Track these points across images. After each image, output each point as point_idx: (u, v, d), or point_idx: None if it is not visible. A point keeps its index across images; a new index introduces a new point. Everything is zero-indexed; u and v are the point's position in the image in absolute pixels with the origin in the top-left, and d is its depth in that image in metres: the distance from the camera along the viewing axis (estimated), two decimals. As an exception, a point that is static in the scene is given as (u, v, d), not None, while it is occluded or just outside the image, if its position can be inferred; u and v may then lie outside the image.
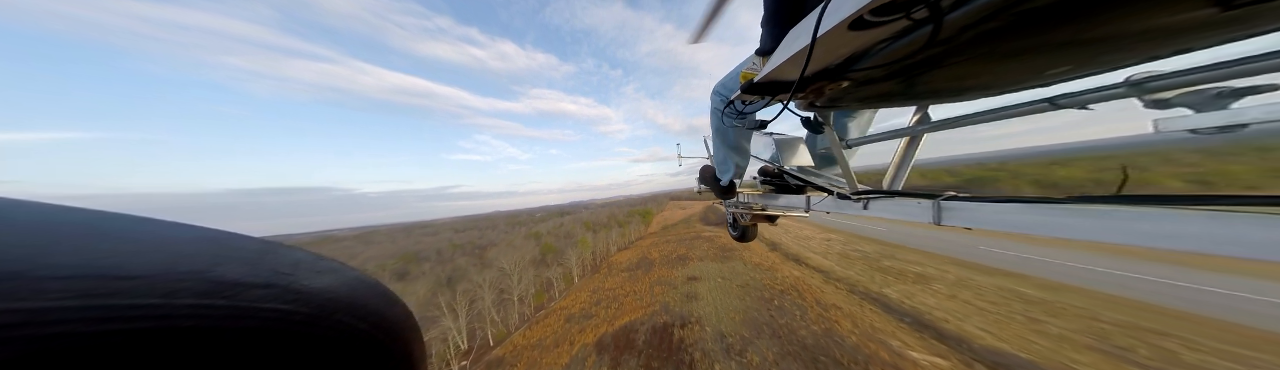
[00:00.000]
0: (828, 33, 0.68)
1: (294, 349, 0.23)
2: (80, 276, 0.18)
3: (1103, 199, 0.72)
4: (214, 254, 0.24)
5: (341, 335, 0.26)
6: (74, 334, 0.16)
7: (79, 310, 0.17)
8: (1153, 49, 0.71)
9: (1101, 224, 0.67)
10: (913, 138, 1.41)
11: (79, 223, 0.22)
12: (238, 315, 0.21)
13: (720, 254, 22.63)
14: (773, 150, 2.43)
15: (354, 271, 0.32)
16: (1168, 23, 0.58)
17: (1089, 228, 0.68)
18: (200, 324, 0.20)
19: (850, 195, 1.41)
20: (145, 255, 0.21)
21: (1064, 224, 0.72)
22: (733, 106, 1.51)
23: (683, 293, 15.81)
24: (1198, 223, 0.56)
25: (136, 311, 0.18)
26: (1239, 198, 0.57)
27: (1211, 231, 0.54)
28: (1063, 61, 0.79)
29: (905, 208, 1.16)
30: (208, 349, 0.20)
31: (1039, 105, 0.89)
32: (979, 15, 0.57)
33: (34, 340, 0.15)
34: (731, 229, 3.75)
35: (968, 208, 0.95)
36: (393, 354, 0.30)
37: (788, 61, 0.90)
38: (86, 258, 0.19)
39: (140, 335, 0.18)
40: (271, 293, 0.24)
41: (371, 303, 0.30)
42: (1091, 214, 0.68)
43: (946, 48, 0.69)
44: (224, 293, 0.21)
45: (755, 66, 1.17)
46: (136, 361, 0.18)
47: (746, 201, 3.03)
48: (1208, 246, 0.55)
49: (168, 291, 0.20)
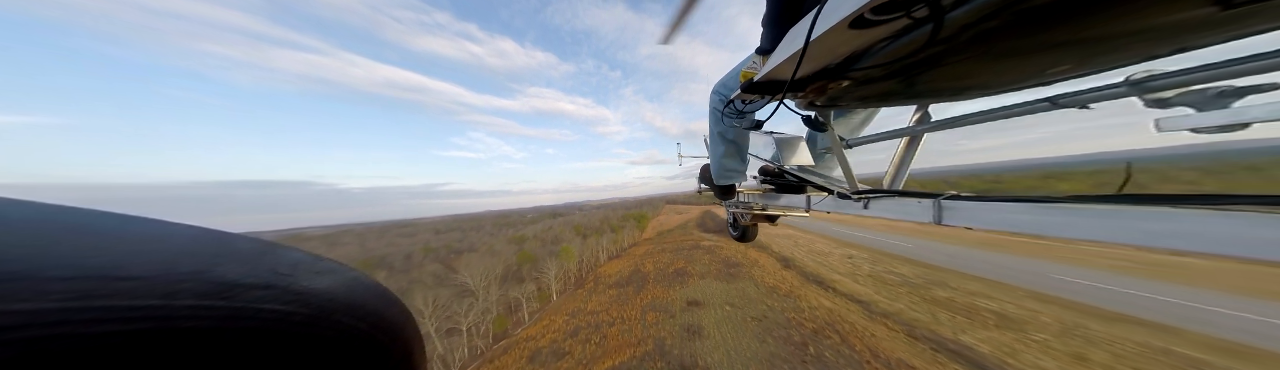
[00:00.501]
0: (828, 32, 0.68)
1: (294, 349, 0.24)
2: (80, 277, 0.18)
3: (1104, 198, 0.72)
4: (213, 255, 0.24)
5: (341, 336, 0.26)
6: (74, 335, 0.16)
7: (79, 311, 0.17)
8: (1152, 48, 0.72)
9: (1103, 223, 0.68)
10: (913, 138, 1.45)
11: (79, 223, 0.22)
12: (237, 316, 0.21)
13: (724, 270, 19.21)
14: (773, 149, 2.40)
15: (353, 272, 0.32)
16: (1167, 22, 0.59)
17: (1090, 227, 0.69)
18: (200, 325, 0.20)
19: (850, 195, 1.41)
20: (145, 256, 0.21)
21: (1065, 223, 0.73)
22: (732, 106, 1.53)
23: (682, 325, 12.29)
24: (1199, 222, 0.56)
25: (136, 312, 0.18)
26: (1239, 197, 0.57)
27: (1213, 231, 0.55)
28: (1063, 60, 0.79)
29: (906, 207, 1.16)
30: (208, 350, 0.20)
31: (1039, 105, 0.91)
32: (979, 14, 0.58)
33: (34, 341, 0.15)
34: (732, 229, 3.75)
35: (968, 207, 0.95)
36: (393, 354, 0.30)
37: (787, 61, 0.91)
38: (86, 258, 0.19)
39: (140, 336, 0.18)
40: (271, 293, 0.24)
41: (371, 303, 0.30)
42: (1093, 213, 0.69)
43: (947, 47, 0.69)
44: (223, 293, 0.22)
45: (756, 65, 1.19)
46: (136, 362, 0.18)
47: (746, 201, 3.05)
48: (1209, 246, 0.55)
49: (167, 292, 0.20)
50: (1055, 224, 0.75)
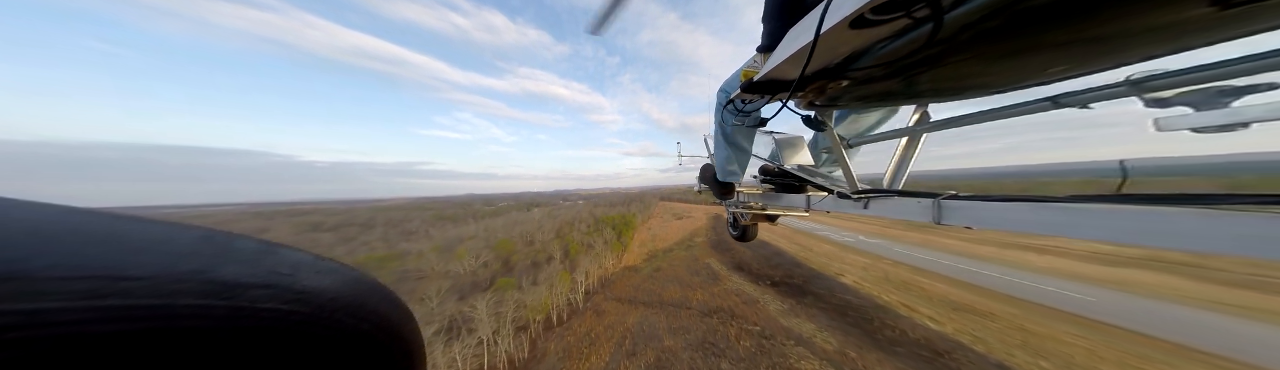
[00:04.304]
0: (828, 31, 0.69)
1: (294, 349, 0.24)
2: (80, 277, 0.18)
3: (1103, 198, 0.73)
4: (214, 254, 0.25)
5: (341, 335, 0.26)
6: (74, 335, 0.16)
7: (79, 311, 0.17)
8: (1151, 48, 0.72)
9: (1102, 223, 0.68)
10: (912, 138, 1.45)
11: (79, 223, 0.22)
12: (238, 316, 0.21)
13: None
14: (774, 149, 2.40)
15: (354, 271, 0.32)
16: (1166, 21, 0.60)
17: (1089, 227, 0.70)
18: (201, 324, 0.20)
19: (850, 194, 1.41)
20: (145, 255, 0.21)
21: (1064, 223, 0.74)
22: (734, 105, 1.54)
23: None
24: (1197, 222, 0.57)
25: (137, 312, 0.18)
26: (1238, 197, 0.57)
27: (1211, 230, 0.56)
28: (1062, 60, 0.80)
29: (906, 207, 1.17)
30: (208, 349, 0.20)
31: (1040, 104, 0.91)
32: (979, 14, 0.58)
33: (35, 341, 0.15)
34: (731, 229, 3.74)
35: (968, 207, 0.96)
36: (393, 354, 0.30)
37: (788, 60, 0.91)
38: (86, 258, 0.19)
39: (141, 336, 0.18)
40: (271, 293, 0.24)
41: (371, 303, 0.30)
42: (1092, 213, 0.70)
43: (947, 46, 0.70)
44: (224, 293, 0.22)
45: (756, 64, 1.18)
46: (137, 362, 0.18)
47: (747, 201, 3.04)
48: (1207, 245, 0.56)
49: (168, 292, 0.20)
50: (1054, 223, 0.76)
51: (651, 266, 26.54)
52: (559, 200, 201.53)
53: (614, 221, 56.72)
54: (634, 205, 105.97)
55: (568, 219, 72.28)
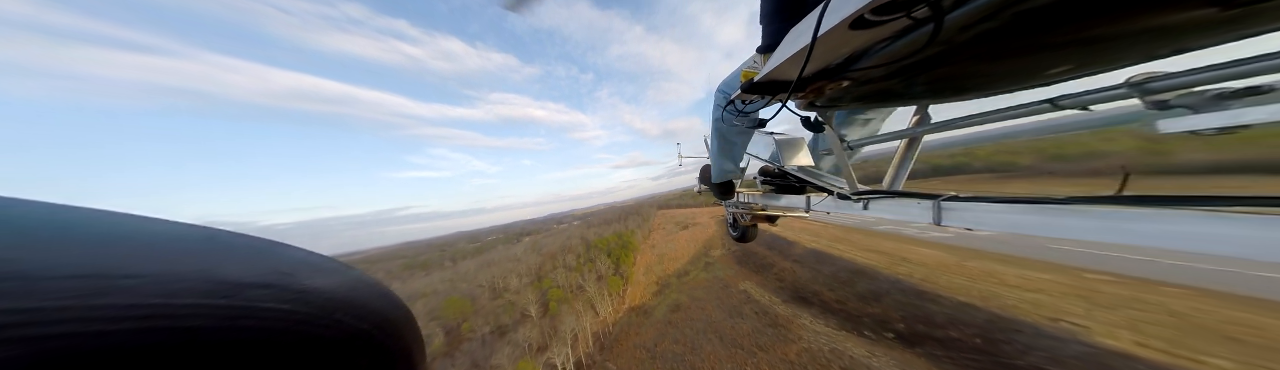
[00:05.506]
0: (828, 32, 0.68)
1: (294, 349, 0.24)
2: (82, 276, 0.18)
3: (1103, 199, 0.73)
4: (215, 253, 0.25)
5: (341, 335, 0.26)
6: (75, 334, 0.16)
7: (80, 310, 0.17)
8: (1152, 49, 0.72)
9: (1102, 224, 0.69)
10: (912, 139, 1.45)
11: (79, 222, 0.22)
12: (238, 315, 0.22)
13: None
14: (773, 150, 2.42)
15: (354, 271, 0.32)
16: (1167, 22, 0.60)
17: (1089, 228, 0.70)
18: (201, 324, 0.20)
19: (850, 195, 1.46)
20: (145, 255, 0.21)
21: (1064, 224, 0.74)
22: (733, 105, 1.52)
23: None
24: (1197, 223, 0.57)
25: (137, 311, 0.18)
26: (1238, 198, 0.58)
27: (1211, 231, 0.56)
28: (1063, 61, 0.81)
29: (905, 208, 1.18)
30: (209, 349, 0.20)
31: (1040, 106, 0.90)
32: (980, 15, 0.58)
33: (35, 340, 0.15)
34: (731, 229, 3.77)
35: (968, 208, 0.96)
36: (393, 354, 0.30)
37: (788, 61, 0.91)
38: (87, 257, 0.19)
39: (141, 335, 0.18)
40: (272, 292, 0.24)
41: (371, 303, 0.30)
42: (1092, 214, 0.70)
43: (947, 47, 0.70)
44: (224, 292, 0.22)
45: (756, 64, 1.18)
46: (138, 361, 0.18)
47: (747, 201, 3.03)
48: (1207, 246, 0.56)
49: (168, 291, 0.20)
50: (1054, 225, 0.76)
51: (666, 303, 17.88)
52: (552, 224, 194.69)
53: (609, 245, 45.36)
54: (631, 220, 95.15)
55: (554, 250, 61.81)
